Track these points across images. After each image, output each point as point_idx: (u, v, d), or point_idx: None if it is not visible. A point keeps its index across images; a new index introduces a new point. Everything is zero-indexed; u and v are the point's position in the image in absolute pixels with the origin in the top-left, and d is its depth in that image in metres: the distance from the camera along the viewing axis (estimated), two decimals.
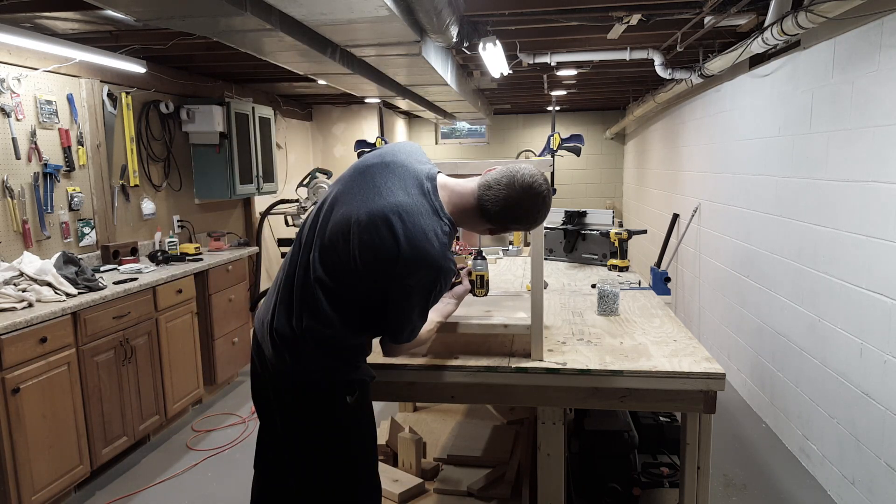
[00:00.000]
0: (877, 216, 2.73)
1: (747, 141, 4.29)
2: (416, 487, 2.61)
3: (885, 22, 2.65)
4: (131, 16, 2.57)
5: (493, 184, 1.66)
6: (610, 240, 3.62)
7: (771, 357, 3.87)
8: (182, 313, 4.01)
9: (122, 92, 4.33)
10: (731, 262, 4.62)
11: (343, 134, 7.86)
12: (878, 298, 2.72)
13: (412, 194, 1.65)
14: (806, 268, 3.39)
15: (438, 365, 1.97)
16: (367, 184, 1.68)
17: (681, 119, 6.21)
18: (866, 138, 2.81)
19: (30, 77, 3.56)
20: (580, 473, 2.74)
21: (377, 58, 3.70)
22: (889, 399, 2.63)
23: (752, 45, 3.30)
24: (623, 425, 2.78)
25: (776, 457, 3.53)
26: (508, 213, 1.67)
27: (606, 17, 3.43)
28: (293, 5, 2.56)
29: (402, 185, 1.66)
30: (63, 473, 3.00)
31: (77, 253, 3.82)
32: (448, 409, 3.37)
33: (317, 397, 1.75)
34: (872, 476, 2.75)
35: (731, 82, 4.67)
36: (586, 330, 2.33)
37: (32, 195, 3.57)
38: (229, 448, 3.75)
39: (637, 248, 8.14)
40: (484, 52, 3.67)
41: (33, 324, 2.81)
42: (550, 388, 1.92)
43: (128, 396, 3.48)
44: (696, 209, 5.44)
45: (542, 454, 2.01)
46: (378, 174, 1.69)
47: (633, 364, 1.92)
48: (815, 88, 3.30)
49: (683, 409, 1.91)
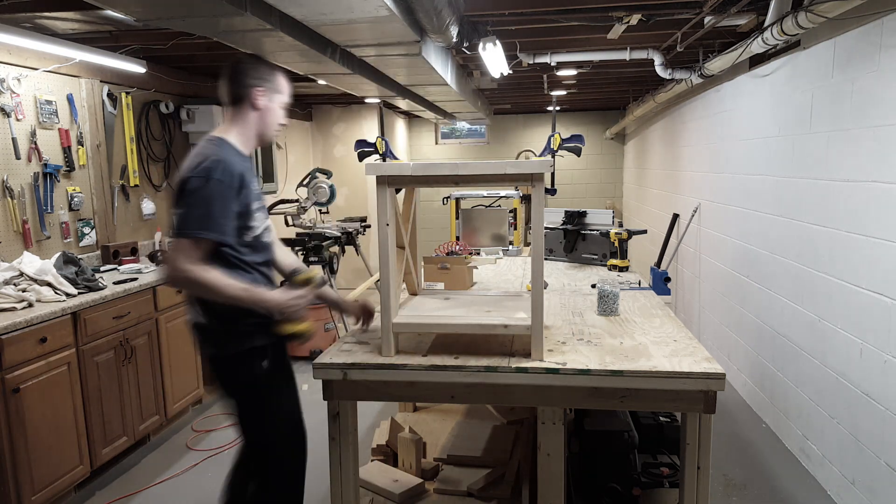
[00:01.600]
0: (877, 216, 2.73)
1: (747, 141, 4.29)
2: (416, 487, 2.61)
3: (885, 22, 2.65)
4: (131, 16, 2.56)
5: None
6: (610, 240, 3.62)
7: (771, 357, 3.87)
8: (182, 313, 4.01)
9: (122, 92, 4.34)
10: (731, 262, 4.62)
11: (343, 134, 7.86)
12: (878, 298, 2.72)
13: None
14: (806, 268, 3.39)
15: (438, 365, 1.97)
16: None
17: (681, 119, 6.21)
18: (866, 138, 2.81)
19: (30, 77, 3.56)
20: (580, 473, 2.74)
21: (377, 58, 3.70)
22: (889, 399, 2.63)
23: (752, 45, 3.30)
24: (623, 425, 2.77)
25: (776, 457, 3.53)
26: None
27: (606, 17, 3.43)
28: (293, 5, 2.56)
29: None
30: (63, 473, 3.00)
31: (77, 253, 3.82)
32: (448, 409, 3.37)
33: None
34: (872, 476, 2.75)
35: (730, 82, 4.66)
36: (586, 330, 2.33)
37: (32, 195, 3.57)
38: (229, 448, 3.74)
39: (637, 248, 8.14)
40: (484, 52, 3.67)
41: (33, 324, 2.81)
42: (550, 388, 1.92)
43: (128, 396, 3.48)
44: (696, 209, 5.44)
45: (542, 454, 2.01)
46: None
47: (633, 364, 1.92)
48: (815, 88, 3.30)
49: (683, 409, 1.91)
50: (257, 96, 2.05)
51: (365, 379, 2.00)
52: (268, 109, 2.09)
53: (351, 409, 2.09)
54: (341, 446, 2.08)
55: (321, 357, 2.06)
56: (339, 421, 2.06)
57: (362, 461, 2.52)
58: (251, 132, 2.10)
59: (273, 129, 2.14)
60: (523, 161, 2.08)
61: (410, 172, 2.06)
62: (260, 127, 2.10)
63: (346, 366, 2.00)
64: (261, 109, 2.07)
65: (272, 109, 2.10)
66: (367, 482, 2.67)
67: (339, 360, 2.02)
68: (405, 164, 2.07)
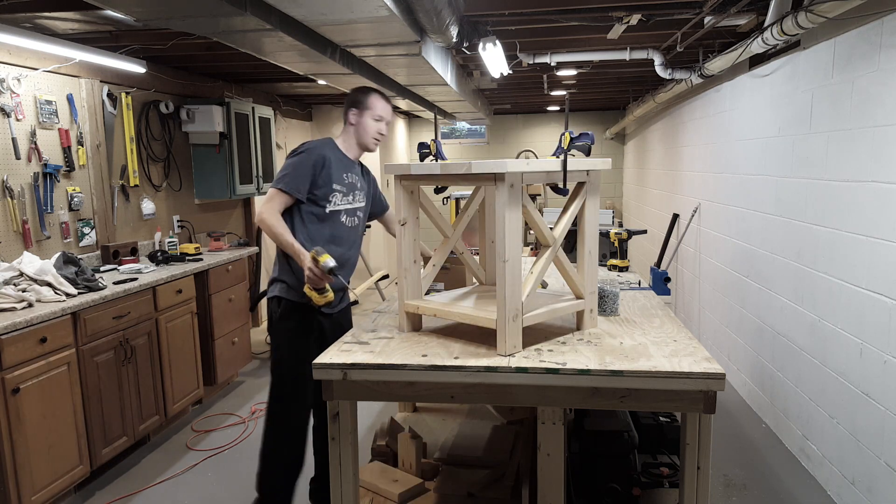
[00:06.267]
0: (877, 216, 2.73)
1: (747, 141, 4.29)
2: (416, 487, 2.61)
3: (885, 22, 2.65)
4: (131, 16, 2.57)
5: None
6: (610, 240, 3.62)
7: (771, 357, 3.87)
8: (182, 313, 4.01)
9: (122, 92, 4.34)
10: (731, 262, 4.62)
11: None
12: (878, 298, 2.72)
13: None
14: (806, 268, 3.39)
15: (438, 365, 1.97)
16: None
17: (681, 119, 6.21)
18: (866, 138, 2.81)
19: (30, 77, 3.56)
20: (580, 473, 2.73)
21: (377, 58, 3.70)
22: (889, 399, 2.63)
23: (752, 45, 3.30)
24: (623, 425, 2.77)
25: (776, 457, 3.53)
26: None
27: (606, 17, 3.43)
28: (293, 5, 2.57)
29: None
30: (63, 473, 3.00)
31: (77, 253, 3.83)
32: (448, 409, 3.37)
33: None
34: (872, 476, 2.75)
35: (730, 82, 4.67)
36: (586, 330, 2.32)
37: (32, 195, 3.57)
38: (229, 448, 3.75)
39: (637, 248, 8.14)
40: (484, 53, 3.67)
41: (33, 324, 2.81)
42: (550, 388, 1.92)
43: (128, 396, 3.48)
44: (696, 209, 5.44)
45: (542, 454, 2.01)
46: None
47: (633, 364, 1.92)
48: (815, 88, 3.30)
49: (683, 409, 1.90)
50: (350, 116, 2.67)
51: (365, 379, 2.00)
52: (360, 125, 2.67)
53: (351, 409, 2.09)
54: (341, 446, 2.08)
55: (321, 357, 2.07)
56: (339, 421, 2.06)
57: (362, 461, 2.52)
58: (352, 140, 2.71)
59: (368, 139, 2.68)
60: (579, 160, 2.13)
61: (439, 171, 2.17)
62: (356, 137, 2.69)
63: (346, 366, 2.00)
64: (354, 125, 2.68)
65: (363, 123, 2.66)
66: (367, 482, 2.67)
67: (339, 360, 2.02)
68: (434, 164, 2.22)
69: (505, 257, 1.94)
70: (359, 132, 2.68)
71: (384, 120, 2.70)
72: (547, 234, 2.15)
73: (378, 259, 8.37)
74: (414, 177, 2.24)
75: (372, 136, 2.68)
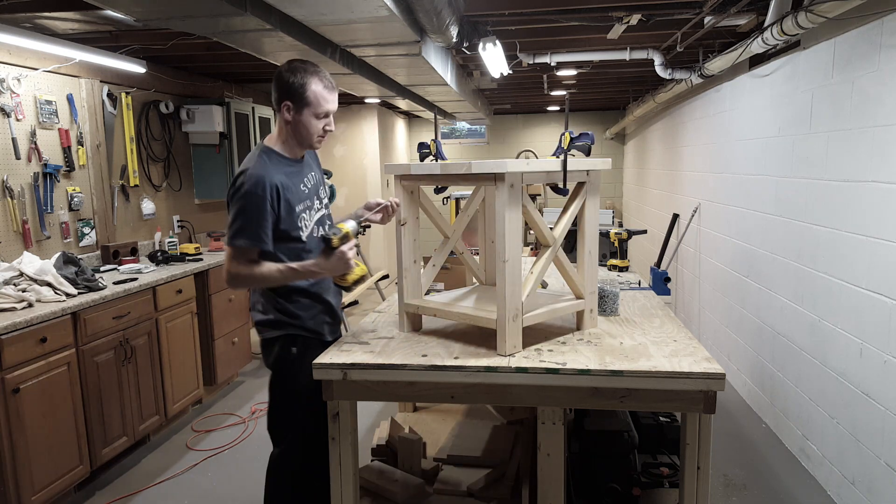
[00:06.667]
0: (877, 216, 2.73)
1: (747, 141, 4.29)
2: (416, 487, 2.61)
3: (885, 22, 2.65)
4: (131, 16, 2.57)
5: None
6: (610, 240, 3.62)
7: (771, 357, 3.87)
8: (182, 313, 4.01)
9: (122, 92, 4.34)
10: (731, 262, 4.62)
11: (343, 134, 7.86)
12: (878, 298, 2.72)
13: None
14: (806, 268, 3.39)
15: (438, 365, 1.97)
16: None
17: (681, 119, 6.21)
18: (866, 138, 2.81)
19: (30, 77, 3.56)
20: (580, 473, 2.73)
21: (377, 58, 3.70)
22: (889, 399, 2.63)
23: (752, 45, 3.30)
24: (623, 425, 2.77)
25: (776, 457, 3.53)
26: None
27: (606, 17, 3.43)
28: (293, 5, 2.57)
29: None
30: (63, 473, 3.00)
31: (77, 253, 3.83)
32: (448, 409, 3.37)
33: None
34: (872, 476, 2.75)
35: (730, 82, 4.67)
36: (586, 330, 2.32)
37: (32, 195, 3.57)
38: (229, 448, 3.75)
39: (637, 248, 8.14)
40: (484, 53, 3.67)
41: (33, 324, 2.81)
42: (550, 388, 1.92)
43: (128, 396, 3.48)
44: (696, 209, 5.44)
45: (542, 454, 2.01)
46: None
47: (633, 364, 1.92)
48: (815, 88, 3.30)
49: (683, 409, 1.90)
50: (284, 111, 2.06)
51: (365, 379, 2.00)
52: (298, 123, 2.07)
53: (351, 409, 2.09)
54: (341, 446, 2.08)
55: (321, 357, 2.07)
56: (338, 421, 2.06)
57: (362, 461, 2.52)
58: (292, 140, 2.13)
59: (312, 139, 2.11)
60: (579, 160, 2.14)
61: (440, 171, 2.18)
62: (297, 137, 2.11)
63: (346, 366, 2.00)
64: (290, 122, 2.08)
65: (303, 122, 2.07)
66: (367, 482, 2.67)
67: (339, 360, 2.02)
68: (434, 164, 2.22)
69: (505, 257, 1.94)
70: (298, 132, 2.09)
71: (330, 114, 2.11)
72: (547, 234, 2.15)
73: (378, 259, 8.37)
74: (414, 177, 2.24)
75: (316, 136, 2.11)
